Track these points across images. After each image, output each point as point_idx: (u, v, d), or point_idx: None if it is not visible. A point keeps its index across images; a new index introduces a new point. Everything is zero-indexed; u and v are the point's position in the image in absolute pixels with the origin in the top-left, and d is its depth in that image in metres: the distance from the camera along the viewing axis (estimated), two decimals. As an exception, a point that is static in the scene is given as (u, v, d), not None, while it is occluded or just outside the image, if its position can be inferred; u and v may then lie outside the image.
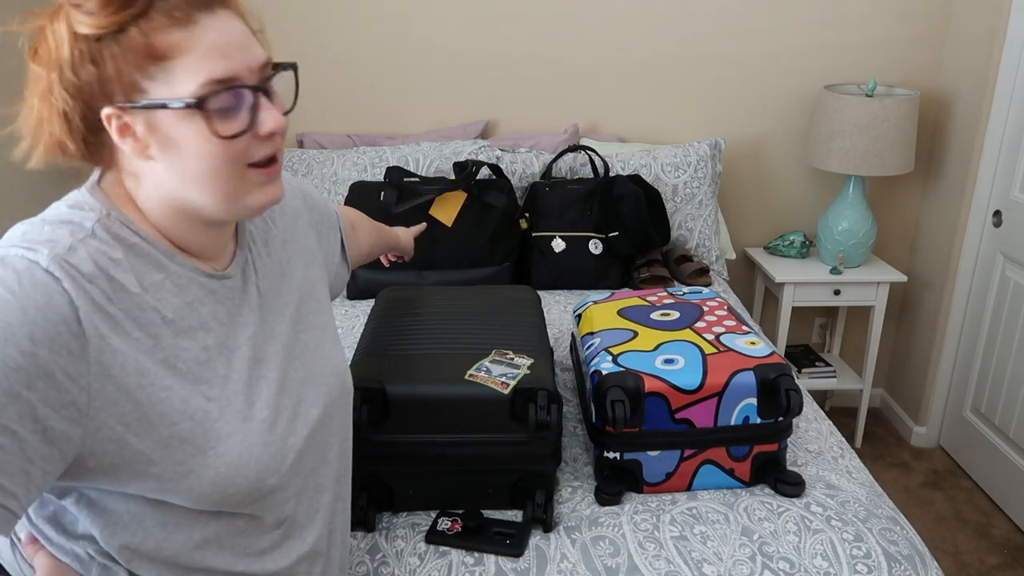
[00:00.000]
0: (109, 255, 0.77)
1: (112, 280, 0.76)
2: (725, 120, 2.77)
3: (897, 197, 2.87)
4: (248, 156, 0.79)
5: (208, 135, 0.76)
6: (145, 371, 0.77)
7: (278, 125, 0.79)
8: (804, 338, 3.08)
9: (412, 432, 1.25)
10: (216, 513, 0.85)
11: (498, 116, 2.75)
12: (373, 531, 1.28)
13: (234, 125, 0.77)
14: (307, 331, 0.98)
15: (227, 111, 0.76)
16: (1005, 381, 2.48)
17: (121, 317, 0.76)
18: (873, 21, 2.65)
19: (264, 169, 0.81)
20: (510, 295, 1.62)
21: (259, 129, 0.78)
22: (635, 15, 2.64)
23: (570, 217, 2.32)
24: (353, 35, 2.63)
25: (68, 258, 0.74)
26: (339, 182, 2.44)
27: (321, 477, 0.97)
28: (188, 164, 0.77)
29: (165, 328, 0.79)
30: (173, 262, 0.82)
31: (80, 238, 0.76)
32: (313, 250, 1.07)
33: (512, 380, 1.27)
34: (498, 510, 1.33)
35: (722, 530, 1.27)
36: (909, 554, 1.24)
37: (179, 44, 0.73)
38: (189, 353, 0.81)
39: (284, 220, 1.03)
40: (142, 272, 0.79)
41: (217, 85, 0.75)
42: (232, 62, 0.75)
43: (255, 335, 0.89)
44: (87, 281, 0.74)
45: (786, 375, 1.32)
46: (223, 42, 0.75)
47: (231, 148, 0.77)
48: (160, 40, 0.73)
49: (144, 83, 0.74)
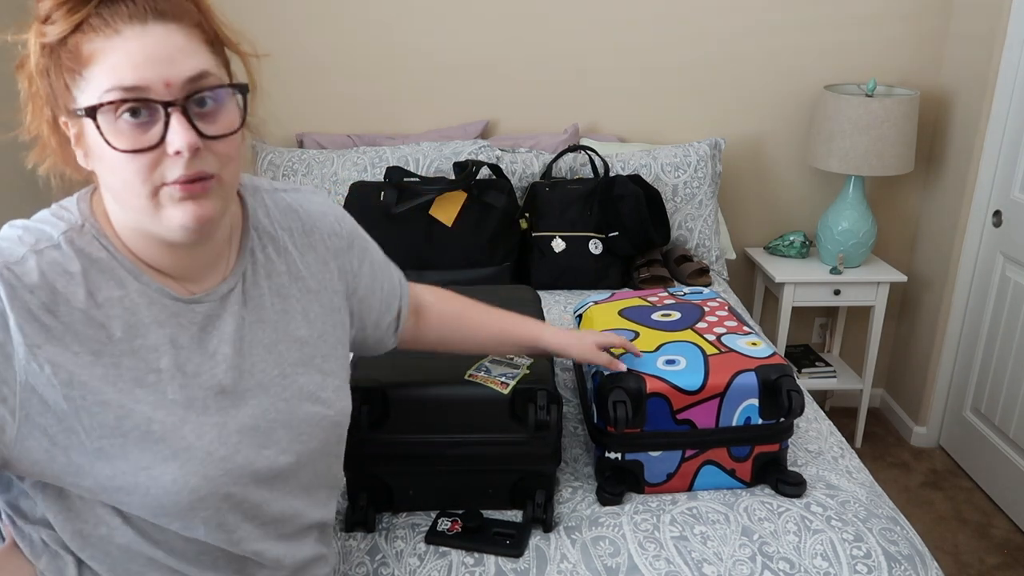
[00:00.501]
0: (64, 267, 0.77)
1: (56, 292, 0.76)
2: (725, 120, 2.77)
3: (897, 197, 2.87)
4: (162, 175, 0.75)
5: (103, 145, 0.74)
6: (78, 384, 0.76)
7: (184, 143, 0.73)
8: (804, 338, 3.08)
9: (412, 432, 1.25)
10: None
11: (498, 116, 2.75)
12: (373, 531, 1.28)
13: (133, 138, 0.73)
14: (307, 375, 0.94)
15: (128, 124, 0.73)
16: (1005, 381, 2.48)
17: (59, 329, 0.76)
18: (873, 21, 2.65)
19: (181, 185, 0.75)
20: (510, 295, 1.62)
21: (167, 147, 0.74)
22: (635, 15, 2.63)
23: (570, 217, 2.32)
24: (353, 35, 2.63)
25: (14, 267, 0.75)
26: (339, 182, 2.44)
27: (286, 527, 0.94)
28: (105, 176, 0.77)
29: (111, 345, 0.79)
30: (138, 280, 0.82)
31: (40, 248, 0.77)
32: (340, 301, 1.02)
33: (512, 380, 1.27)
34: (498, 510, 1.33)
35: (722, 530, 1.27)
36: (909, 554, 1.24)
37: (98, 52, 0.73)
38: (133, 373, 0.80)
39: (307, 257, 0.97)
40: (99, 287, 0.79)
41: (120, 94, 0.72)
42: (142, 71, 0.72)
43: (223, 364, 0.85)
44: (27, 291, 0.75)
45: (788, 376, 1.32)
46: (138, 52, 0.72)
47: (136, 162, 0.74)
48: (85, 48, 0.73)
49: (74, 91, 0.75)
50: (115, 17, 0.72)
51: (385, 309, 1.12)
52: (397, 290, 1.15)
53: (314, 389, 0.93)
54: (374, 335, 1.13)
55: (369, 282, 1.08)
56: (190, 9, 0.77)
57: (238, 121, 0.79)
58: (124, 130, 0.73)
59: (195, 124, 0.75)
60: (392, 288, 1.13)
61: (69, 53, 0.73)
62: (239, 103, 0.80)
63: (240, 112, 0.80)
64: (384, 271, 1.12)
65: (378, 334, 1.14)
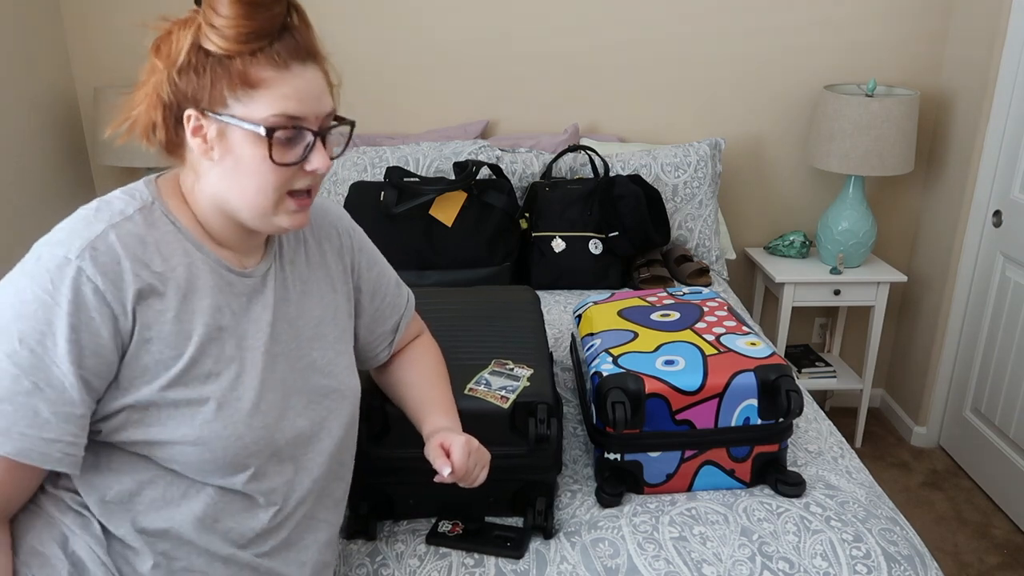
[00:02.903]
0: (141, 237, 0.91)
1: (136, 259, 0.89)
2: (725, 120, 2.77)
3: (897, 197, 2.87)
4: (291, 184, 0.93)
5: (264, 157, 0.90)
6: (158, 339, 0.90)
7: (323, 165, 0.92)
8: (804, 338, 3.08)
9: (413, 447, 1.23)
10: (195, 485, 0.94)
11: (498, 116, 2.75)
12: (375, 540, 1.28)
13: (289, 156, 0.91)
14: (321, 350, 1.06)
15: (286, 143, 0.90)
16: (1005, 381, 2.48)
17: (145, 290, 0.89)
18: (873, 21, 2.65)
19: (299, 200, 0.95)
20: (509, 297, 1.62)
21: (307, 165, 0.92)
22: (635, 15, 2.63)
23: (570, 217, 2.32)
24: (353, 35, 2.63)
25: (96, 243, 0.87)
26: (339, 182, 2.44)
27: (297, 487, 1.02)
28: (241, 176, 0.91)
29: (184, 303, 0.92)
30: (200, 251, 0.95)
31: (116, 221, 0.90)
32: (348, 290, 1.15)
33: (512, 394, 1.27)
34: (499, 516, 1.33)
35: (721, 531, 1.27)
36: (908, 554, 1.24)
37: (269, 80, 0.88)
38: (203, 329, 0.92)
39: (323, 247, 1.12)
40: (170, 254, 0.92)
41: (286, 120, 0.89)
42: (304, 106, 0.90)
43: (262, 332, 0.99)
44: (113, 262, 0.87)
45: (787, 376, 1.32)
46: (303, 88, 0.89)
47: (280, 174, 0.91)
48: (255, 73, 0.88)
49: (230, 100, 0.89)
50: (285, 52, 0.89)
51: (382, 318, 1.22)
52: (401, 308, 1.25)
53: (324, 364, 1.06)
54: (366, 337, 1.22)
55: (373, 288, 1.19)
56: (319, 52, 0.94)
57: (340, 148, 1.00)
58: (277, 147, 0.90)
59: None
60: (397, 305, 1.24)
61: (238, 71, 0.87)
62: (343, 133, 1.00)
63: (344, 140, 1.01)
64: (393, 288, 1.23)
65: (371, 339, 1.22)
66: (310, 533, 1.05)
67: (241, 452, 0.93)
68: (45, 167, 2.48)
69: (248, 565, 0.98)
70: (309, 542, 1.05)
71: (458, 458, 1.09)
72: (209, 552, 0.95)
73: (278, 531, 1.01)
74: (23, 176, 2.38)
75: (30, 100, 2.41)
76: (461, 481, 1.12)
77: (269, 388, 0.97)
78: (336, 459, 1.08)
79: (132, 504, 0.92)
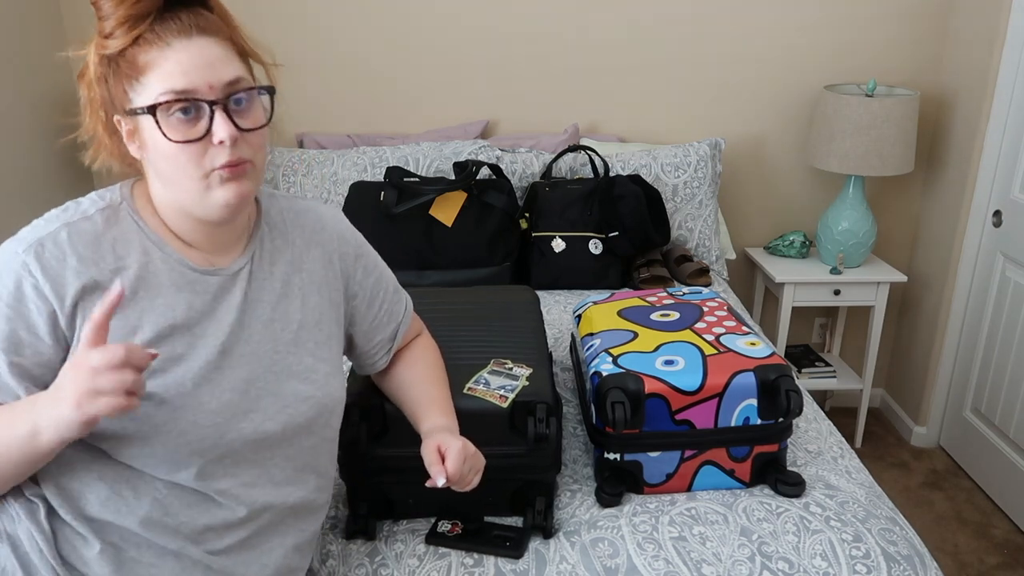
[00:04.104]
0: (95, 235, 0.93)
1: (82, 258, 0.91)
2: (725, 120, 2.77)
3: (897, 197, 2.87)
4: (211, 162, 0.91)
5: (161, 137, 0.89)
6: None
7: (226, 134, 0.89)
8: (804, 338, 3.08)
9: (412, 446, 1.22)
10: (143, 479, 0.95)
11: (498, 116, 2.75)
12: (374, 540, 1.28)
13: (191, 132, 0.89)
14: (299, 355, 1.05)
15: (185, 120, 0.89)
16: (1005, 381, 2.48)
17: (89, 287, 0.91)
18: (873, 21, 2.65)
19: (227, 168, 0.92)
20: (509, 297, 1.62)
21: (212, 137, 0.90)
22: (635, 15, 2.63)
23: (570, 217, 2.32)
24: (353, 35, 2.63)
25: (45, 240, 0.91)
26: (339, 182, 2.44)
27: (260, 490, 1.01)
28: (161, 164, 0.92)
29: (134, 302, 0.94)
30: (161, 250, 0.97)
31: (73, 220, 0.93)
32: (339, 298, 1.13)
33: (511, 393, 1.27)
34: (498, 516, 1.33)
35: (721, 530, 1.27)
36: (908, 554, 1.24)
37: (152, 62, 0.88)
38: (152, 326, 0.94)
39: (311, 252, 1.10)
40: (126, 253, 0.95)
41: (173, 95, 0.88)
42: (191, 78, 0.88)
43: (222, 331, 0.98)
44: (56, 260, 0.90)
45: (786, 376, 1.33)
46: (186, 61, 0.88)
47: (189, 152, 0.90)
48: (141, 59, 0.89)
49: (130, 94, 0.90)
50: (166, 32, 0.88)
51: (380, 325, 1.21)
52: (399, 316, 1.24)
53: (302, 370, 1.04)
54: (364, 346, 1.22)
55: (370, 296, 1.19)
56: (223, 26, 0.93)
57: (265, 117, 0.96)
58: (176, 125, 0.89)
59: (233, 119, 0.91)
60: (395, 312, 1.23)
61: (127, 63, 0.89)
62: (264, 103, 0.96)
63: (266, 110, 0.96)
64: (391, 295, 1.23)
65: (369, 347, 1.22)
66: (277, 536, 1.04)
67: (183, 449, 0.93)
68: (45, 167, 2.48)
69: (200, 562, 0.97)
70: (275, 545, 1.04)
71: (452, 466, 1.08)
72: (158, 545, 0.95)
73: (237, 530, 0.99)
74: (23, 176, 2.38)
75: (30, 100, 2.41)
76: (454, 485, 1.12)
77: (225, 388, 0.96)
78: (311, 468, 1.07)
79: (83, 492, 0.93)
